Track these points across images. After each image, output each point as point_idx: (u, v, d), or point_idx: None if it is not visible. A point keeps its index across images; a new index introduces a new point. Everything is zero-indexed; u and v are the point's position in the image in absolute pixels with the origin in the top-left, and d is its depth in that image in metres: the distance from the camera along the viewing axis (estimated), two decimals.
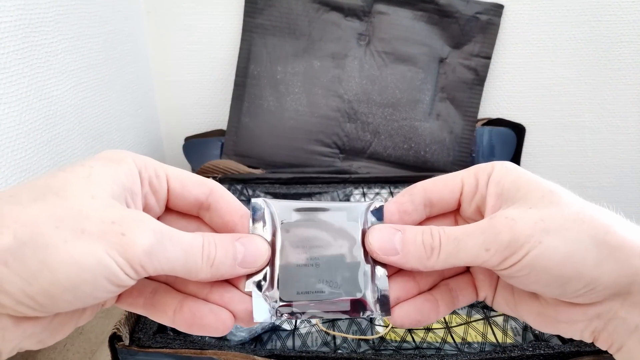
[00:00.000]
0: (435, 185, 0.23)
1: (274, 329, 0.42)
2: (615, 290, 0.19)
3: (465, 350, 0.40)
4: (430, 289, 0.23)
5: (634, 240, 0.19)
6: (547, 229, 0.19)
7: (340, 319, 0.42)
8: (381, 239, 0.22)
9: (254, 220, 0.22)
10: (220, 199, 0.22)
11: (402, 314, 0.22)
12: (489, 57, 0.67)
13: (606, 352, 0.34)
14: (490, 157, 0.70)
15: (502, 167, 0.22)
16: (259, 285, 0.21)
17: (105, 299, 0.18)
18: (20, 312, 0.16)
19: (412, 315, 0.22)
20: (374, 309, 0.22)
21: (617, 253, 0.19)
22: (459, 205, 0.24)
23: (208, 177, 0.28)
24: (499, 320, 0.43)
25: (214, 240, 0.20)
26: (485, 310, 0.44)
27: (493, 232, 0.20)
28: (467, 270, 0.24)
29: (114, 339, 0.34)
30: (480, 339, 0.41)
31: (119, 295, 0.21)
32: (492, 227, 0.20)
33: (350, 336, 0.40)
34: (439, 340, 0.41)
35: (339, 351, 0.38)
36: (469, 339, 0.41)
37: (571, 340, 0.38)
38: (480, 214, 0.23)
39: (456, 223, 0.24)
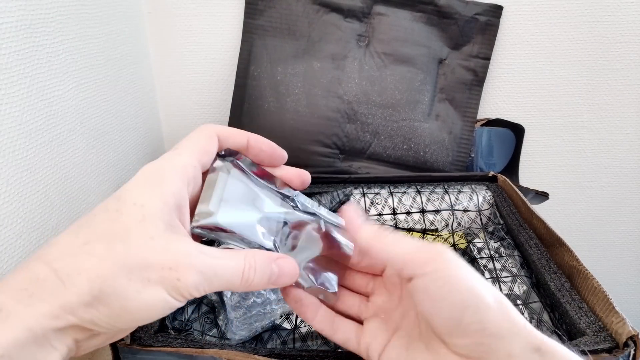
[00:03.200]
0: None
1: (274, 328, 0.42)
2: (497, 346, 0.22)
3: None
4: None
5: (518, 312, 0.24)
6: (467, 266, 0.24)
7: None
8: (350, 210, 0.28)
9: None
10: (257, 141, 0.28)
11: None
12: (488, 58, 0.68)
13: (605, 352, 0.35)
14: (489, 157, 0.70)
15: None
16: None
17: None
18: (104, 333, 0.22)
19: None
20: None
21: (509, 311, 0.23)
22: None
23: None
24: None
25: (254, 265, 0.24)
26: None
27: (429, 243, 0.25)
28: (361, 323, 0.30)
29: None
30: None
31: None
32: (430, 242, 0.25)
33: None
34: None
35: (339, 350, 0.38)
36: None
37: (570, 339, 0.38)
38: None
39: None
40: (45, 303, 0.19)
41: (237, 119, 0.68)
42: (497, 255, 0.50)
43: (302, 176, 0.30)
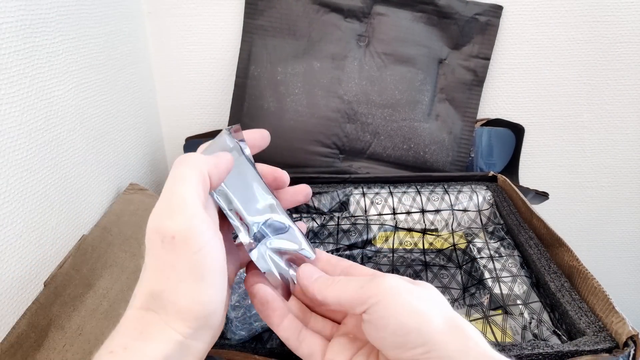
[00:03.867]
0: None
1: None
2: None
3: None
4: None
5: (473, 329, 0.24)
6: (411, 290, 0.25)
7: None
8: (306, 269, 0.28)
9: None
10: None
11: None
12: (488, 58, 0.68)
13: (604, 351, 0.35)
14: (489, 157, 0.70)
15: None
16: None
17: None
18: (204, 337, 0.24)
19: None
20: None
21: (460, 330, 0.23)
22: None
23: None
24: (498, 319, 0.43)
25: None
26: (483, 309, 0.45)
27: (371, 279, 0.25)
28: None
29: None
30: None
31: None
32: (373, 277, 0.26)
33: None
34: None
35: None
36: None
37: (570, 338, 0.38)
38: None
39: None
40: (150, 334, 0.23)
41: (237, 119, 0.68)
42: (497, 255, 0.50)
43: (300, 189, 0.32)
